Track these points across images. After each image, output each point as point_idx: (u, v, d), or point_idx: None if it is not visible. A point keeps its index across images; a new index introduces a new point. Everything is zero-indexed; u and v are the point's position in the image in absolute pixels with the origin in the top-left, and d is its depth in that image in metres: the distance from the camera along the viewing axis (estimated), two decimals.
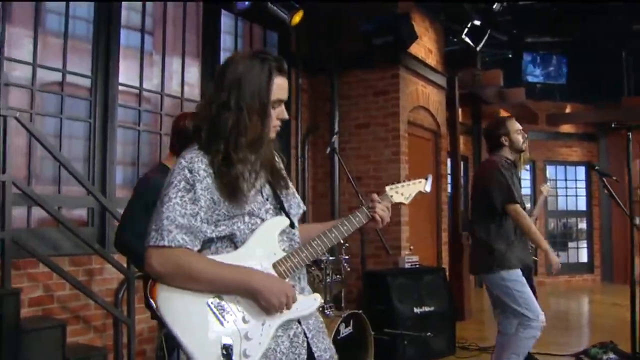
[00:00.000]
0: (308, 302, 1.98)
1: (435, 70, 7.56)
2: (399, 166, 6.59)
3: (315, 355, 1.97)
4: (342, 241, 2.17)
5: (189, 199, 1.83)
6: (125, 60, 4.95)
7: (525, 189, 12.01)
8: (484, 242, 4.06)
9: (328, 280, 4.69)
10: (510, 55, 10.96)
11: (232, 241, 1.90)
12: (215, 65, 5.84)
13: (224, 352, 1.74)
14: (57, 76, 4.43)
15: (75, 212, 4.63)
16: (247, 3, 5.58)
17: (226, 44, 6.13)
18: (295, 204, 2.10)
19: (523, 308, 3.90)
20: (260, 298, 1.84)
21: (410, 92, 6.92)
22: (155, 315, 3.14)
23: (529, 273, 5.15)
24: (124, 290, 4.39)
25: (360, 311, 4.64)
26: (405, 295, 5.61)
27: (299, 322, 1.97)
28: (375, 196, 2.15)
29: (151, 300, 2.37)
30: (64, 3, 4.44)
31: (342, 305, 5.17)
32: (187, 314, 1.81)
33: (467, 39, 7.34)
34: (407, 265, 5.98)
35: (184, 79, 5.56)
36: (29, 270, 4.02)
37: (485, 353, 5.83)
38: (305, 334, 1.97)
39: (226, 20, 6.09)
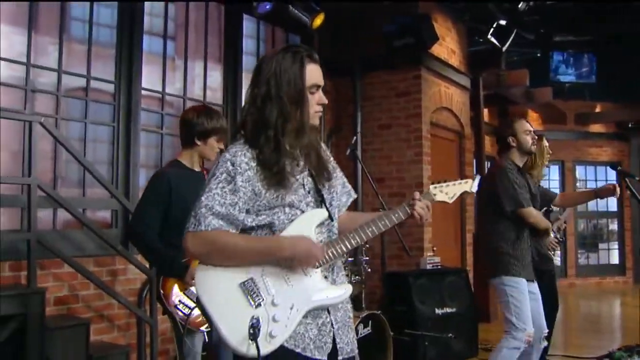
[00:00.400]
0: (339, 292, 2.06)
1: (459, 71, 7.53)
2: (422, 167, 6.58)
3: (338, 346, 2.05)
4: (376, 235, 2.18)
5: (229, 190, 1.95)
6: (148, 65, 5.05)
7: (554, 189, 11.87)
8: (489, 247, 4.02)
9: (352, 280, 4.71)
10: (538, 55, 10.81)
11: (271, 230, 2.01)
12: (237, 69, 5.93)
13: (251, 331, 1.83)
14: (82, 82, 4.55)
15: (99, 214, 4.75)
16: (268, 6, 5.65)
17: (248, 48, 6.20)
18: (343, 194, 2.24)
19: (513, 316, 3.82)
20: (291, 263, 1.96)
21: (432, 93, 6.91)
22: (166, 310, 3.21)
23: (551, 278, 5.12)
24: (146, 290, 4.48)
25: (379, 312, 4.66)
26: (426, 296, 5.60)
27: (328, 312, 2.05)
28: (417, 194, 2.20)
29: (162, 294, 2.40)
30: (88, 12, 4.56)
31: (363, 306, 5.18)
32: (220, 293, 1.94)
33: (492, 39, 7.29)
34: (428, 267, 5.96)
35: (206, 83, 5.65)
36: (54, 271, 4.14)
37: None
38: (332, 324, 2.05)
39: (248, 24, 6.16)
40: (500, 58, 7.85)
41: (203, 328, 3.19)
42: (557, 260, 5.26)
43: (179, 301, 3.19)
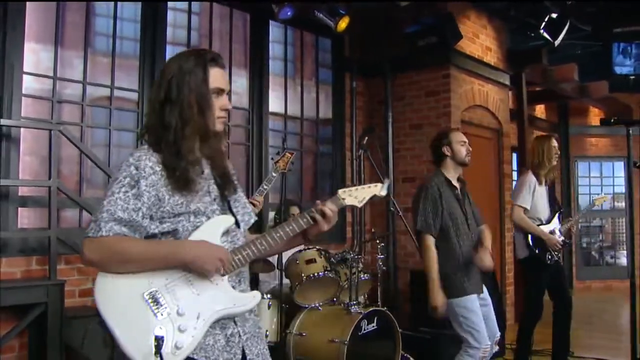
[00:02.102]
0: (246, 299, 2.03)
1: (495, 68, 7.43)
2: None
3: (247, 357, 2.02)
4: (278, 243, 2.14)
5: (132, 195, 1.89)
6: None
7: (619, 186, 11.38)
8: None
9: (361, 278, 4.83)
10: (594, 47, 10.40)
11: (175, 237, 1.96)
12: (263, 74, 6.17)
13: (155, 344, 1.75)
14: (106, 91, 4.93)
15: None
16: (289, 13, 5.85)
17: (275, 52, 6.43)
18: (247, 213, 2.19)
19: (468, 335, 3.83)
20: (194, 267, 1.90)
21: (464, 92, 6.87)
22: None
23: (558, 273, 5.06)
24: None
25: (385, 308, 4.75)
26: None
27: (235, 323, 2.02)
28: (318, 202, 2.16)
29: None
30: (111, 26, 4.94)
31: (379, 302, 5.28)
32: (121, 305, 1.86)
33: (544, 34, 7.15)
34: None
35: (232, 88, 5.92)
36: (78, 265, 4.53)
37: (535, 356, 5.70)
38: (240, 335, 2.02)
39: (274, 29, 6.38)
40: (541, 53, 7.64)
41: None
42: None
43: None
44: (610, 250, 11.67)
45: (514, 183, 7.99)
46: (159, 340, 1.75)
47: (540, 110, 10.91)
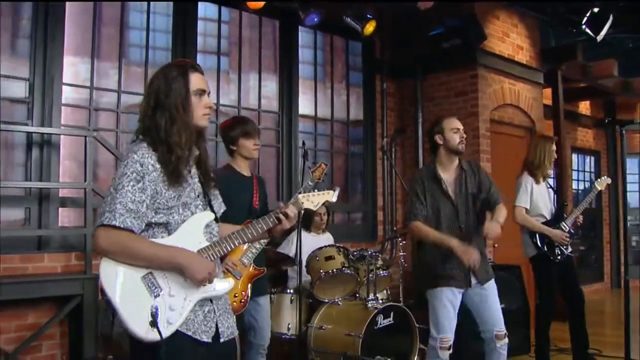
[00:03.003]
0: (224, 285, 2.39)
1: (528, 67, 7.43)
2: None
3: (220, 330, 2.38)
4: (251, 240, 2.55)
5: (139, 188, 2.19)
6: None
7: None
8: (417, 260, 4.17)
9: (379, 274, 5.00)
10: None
11: (167, 228, 2.28)
12: (292, 78, 6.41)
13: (152, 318, 2.08)
14: (139, 99, 5.23)
15: None
16: (316, 19, 6.07)
17: (305, 57, 6.65)
18: (218, 204, 2.52)
19: (431, 322, 3.98)
20: (186, 273, 2.23)
21: (493, 91, 6.92)
22: None
23: (569, 269, 5.07)
24: None
25: (402, 304, 4.90)
26: None
27: (211, 302, 2.36)
28: (281, 204, 2.51)
29: None
30: (144, 37, 5.28)
31: (400, 299, 5.44)
32: (124, 286, 2.18)
33: (586, 29, 7.10)
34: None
35: (262, 93, 6.19)
36: None
37: (562, 354, 5.73)
38: (215, 311, 2.37)
39: (304, 34, 6.60)
40: (576, 50, 7.58)
41: None
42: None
43: None
44: None
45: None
46: (155, 315, 2.08)
47: (585, 107, 10.73)
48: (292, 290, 4.90)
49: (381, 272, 5.03)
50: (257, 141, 4.06)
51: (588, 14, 6.97)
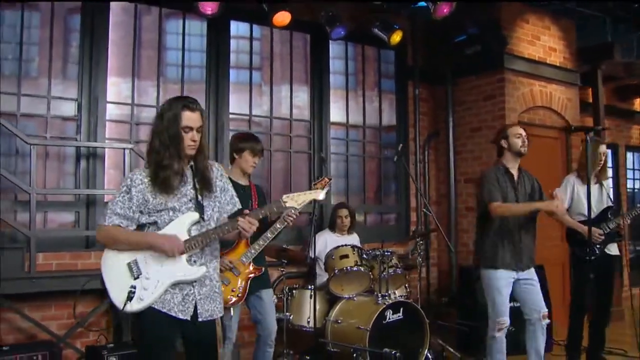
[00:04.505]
0: (192, 271, 2.92)
1: (561, 68, 7.48)
2: None
3: (198, 311, 2.93)
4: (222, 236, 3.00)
5: (127, 198, 2.91)
6: (238, 94, 6.20)
7: None
8: (477, 242, 4.56)
9: (392, 272, 5.32)
10: None
11: (157, 226, 2.93)
12: (323, 88, 6.82)
13: (130, 293, 2.81)
14: None
15: None
16: (342, 32, 6.43)
17: (336, 67, 7.04)
18: (229, 204, 3.12)
19: (489, 307, 4.37)
20: (156, 249, 2.86)
21: (521, 94, 7.05)
22: None
23: (603, 268, 5.14)
24: None
25: (411, 300, 5.21)
26: None
27: (193, 286, 2.92)
28: (246, 211, 2.98)
29: None
30: (180, 57, 5.86)
31: (418, 296, 5.73)
32: (113, 268, 2.90)
33: None
34: None
35: (293, 103, 6.63)
36: None
37: (610, 355, 5.78)
38: (195, 295, 2.92)
39: (335, 46, 6.99)
40: (612, 48, 7.56)
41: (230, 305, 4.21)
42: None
43: None
44: None
45: None
46: (131, 292, 2.81)
47: None
48: (311, 287, 5.30)
49: (395, 270, 5.33)
50: (257, 160, 4.46)
51: None
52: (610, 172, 8.14)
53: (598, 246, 5.15)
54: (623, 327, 7.10)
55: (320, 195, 2.96)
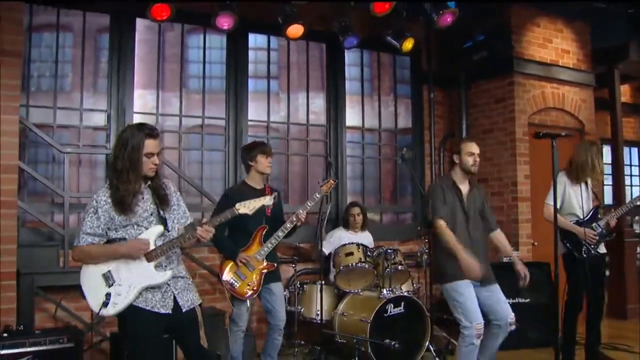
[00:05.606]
0: (159, 276, 3.26)
1: (574, 69, 7.63)
2: (516, 167, 7.06)
3: (179, 303, 3.31)
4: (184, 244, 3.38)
5: (95, 218, 3.25)
6: (256, 102, 6.64)
7: None
8: (433, 258, 4.73)
9: (394, 269, 5.65)
10: None
11: (126, 240, 3.25)
12: (338, 94, 7.18)
13: (105, 299, 3.18)
14: (198, 121, 6.33)
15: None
16: (355, 41, 6.78)
17: (351, 74, 7.39)
18: (183, 217, 3.46)
19: (460, 314, 4.40)
20: (124, 254, 3.20)
21: (532, 97, 7.24)
22: (220, 281, 4.75)
23: (595, 267, 5.33)
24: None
25: (412, 295, 5.53)
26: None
27: (169, 285, 3.28)
28: (202, 220, 3.43)
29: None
30: (201, 69, 6.33)
31: (424, 291, 6.04)
32: (90, 280, 3.27)
33: None
34: (505, 260, 6.43)
35: (310, 109, 7.03)
36: None
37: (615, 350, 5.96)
38: (173, 291, 3.29)
39: (350, 54, 7.34)
40: (627, 49, 7.65)
41: (247, 297, 4.67)
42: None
43: (230, 277, 4.69)
44: None
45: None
46: (107, 297, 3.19)
47: None
48: (320, 282, 5.68)
49: (395, 267, 5.65)
50: (270, 160, 4.87)
51: None
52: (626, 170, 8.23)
53: (592, 246, 5.33)
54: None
55: (269, 200, 3.37)
